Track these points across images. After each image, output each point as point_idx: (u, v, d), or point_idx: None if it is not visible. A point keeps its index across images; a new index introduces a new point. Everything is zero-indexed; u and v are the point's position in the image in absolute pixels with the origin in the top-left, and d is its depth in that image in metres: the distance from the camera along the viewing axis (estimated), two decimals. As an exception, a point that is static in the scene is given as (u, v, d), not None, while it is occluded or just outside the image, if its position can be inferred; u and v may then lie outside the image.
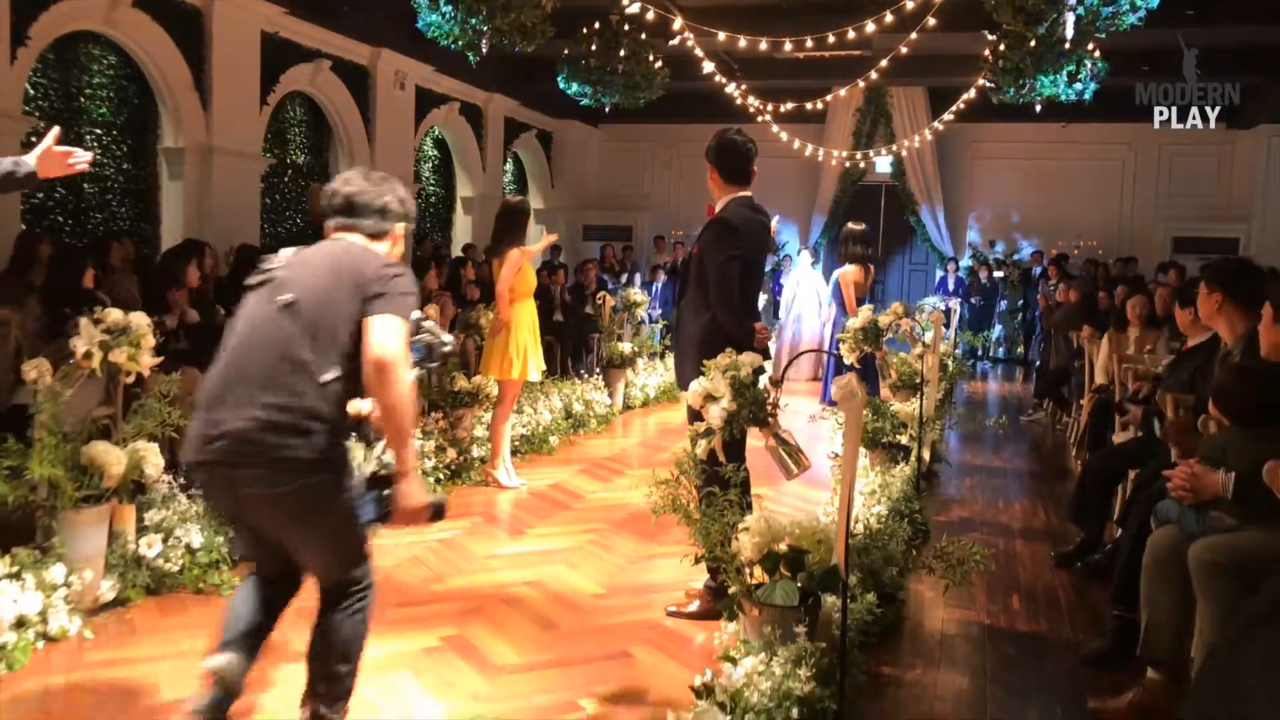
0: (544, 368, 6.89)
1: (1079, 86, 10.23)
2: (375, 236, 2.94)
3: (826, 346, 8.33)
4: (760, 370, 3.93)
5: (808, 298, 11.45)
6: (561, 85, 11.83)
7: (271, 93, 11.76)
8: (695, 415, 3.85)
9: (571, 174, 19.62)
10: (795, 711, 2.68)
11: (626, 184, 19.55)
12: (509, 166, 18.42)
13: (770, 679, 2.75)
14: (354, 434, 2.94)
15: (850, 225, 8.83)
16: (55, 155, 3.26)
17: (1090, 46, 10.14)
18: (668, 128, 18.11)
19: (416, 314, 2.82)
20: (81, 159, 3.34)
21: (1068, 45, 9.64)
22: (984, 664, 3.90)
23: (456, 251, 15.65)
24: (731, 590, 3.24)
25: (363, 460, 5.23)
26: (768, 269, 9.23)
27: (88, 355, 3.95)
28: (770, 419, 3.36)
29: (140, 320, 4.10)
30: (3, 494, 3.75)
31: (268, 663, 3.38)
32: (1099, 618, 4.47)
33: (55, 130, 3.35)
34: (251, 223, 11.56)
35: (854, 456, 3.05)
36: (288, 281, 2.79)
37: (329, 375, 2.67)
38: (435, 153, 16.54)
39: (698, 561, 3.65)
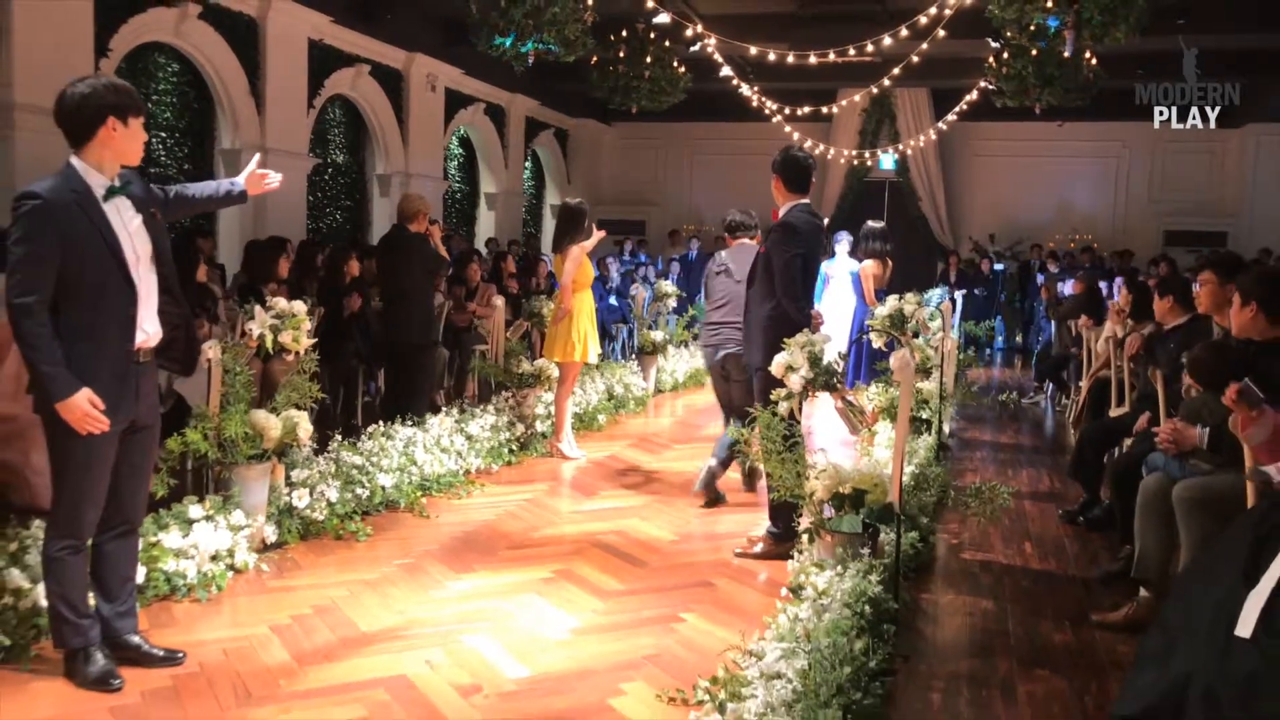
0: (600, 351, 7.69)
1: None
2: None
3: (849, 337, 9.15)
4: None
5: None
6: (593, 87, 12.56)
7: (317, 96, 12.52)
8: (766, 389, 4.66)
9: (587, 171, 20.37)
10: (868, 607, 3.47)
11: (639, 180, 20.32)
12: (528, 164, 19.18)
13: (848, 582, 3.55)
14: None
15: (870, 223, 9.62)
16: (256, 176, 3.98)
17: (1087, 55, 10.93)
18: (680, 126, 18.85)
19: None
20: (274, 179, 4.07)
21: (1067, 55, 10.43)
22: (1004, 591, 4.71)
23: (479, 245, 16.43)
24: (808, 522, 4.04)
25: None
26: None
27: (260, 336, 4.73)
28: (839, 385, 4.17)
29: (300, 308, 4.89)
30: (204, 449, 4.53)
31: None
32: (1098, 559, 5.29)
33: (257, 156, 4.09)
34: (298, 219, 12.32)
35: (907, 414, 3.84)
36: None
37: None
38: (460, 151, 17.29)
39: (773, 501, 4.43)
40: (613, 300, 13.50)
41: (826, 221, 6.22)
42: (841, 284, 10.34)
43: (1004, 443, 8.70)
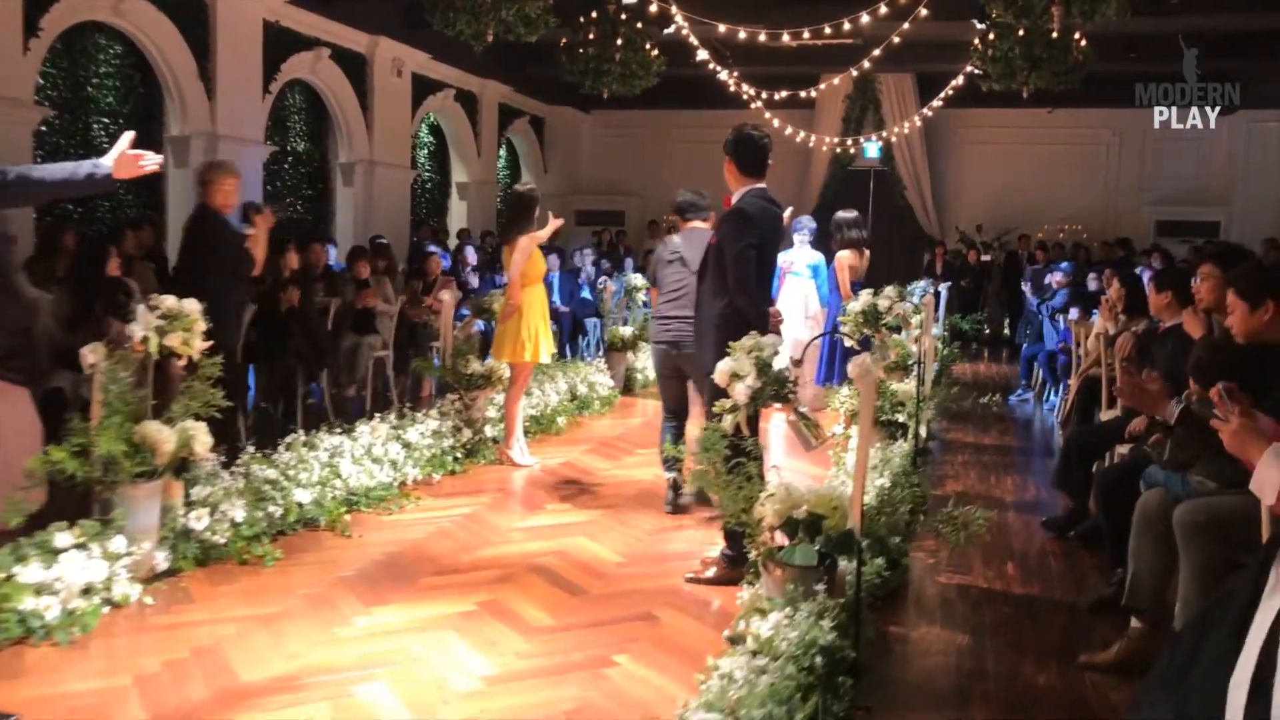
0: (554, 350, 7.17)
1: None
2: None
3: (824, 331, 8.57)
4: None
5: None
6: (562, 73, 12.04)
7: (273, 81, 11.95)
8: (716, 393, 4.14)
9: (564, 159, 19.82)
10: (819, 659, 2.96)
11: (618, 169, 19.76)
12: (503, 152, 18.62)
13: (796, 629, 3.04)
14: None
15: (841, 213, 9.06)
16: (129, 158, 3.47)
17: (1076, 35, 10.43)
18: (659, 114, 18.32)
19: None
20: (152, 161, 3.55)
21: (1055, 35, 9.93)
22: (983, 622, 4.21)
23: (452, 237, 15.89)
24: (755, 553, 3.53)
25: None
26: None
27: (144, 340, 4.19)
28: (791, 395, 3.65)
29: (193, 306, 4.35)
30: (73, 469, 3.99)
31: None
32: (1087, 580, 4.80)
33: (130, 134, 3.56)
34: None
35: (869, 429, 3.33)
36: None
37: None
38: (431, 139, 16.72)
39: (725, 526, 3.93)
40: (586, 293, 12.98)
41: (789, 212, 5.57)
42: (801, 278, 9.64)
43: (989, 444, 8.21)
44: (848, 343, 6.66)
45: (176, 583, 4.32)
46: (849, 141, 16.65)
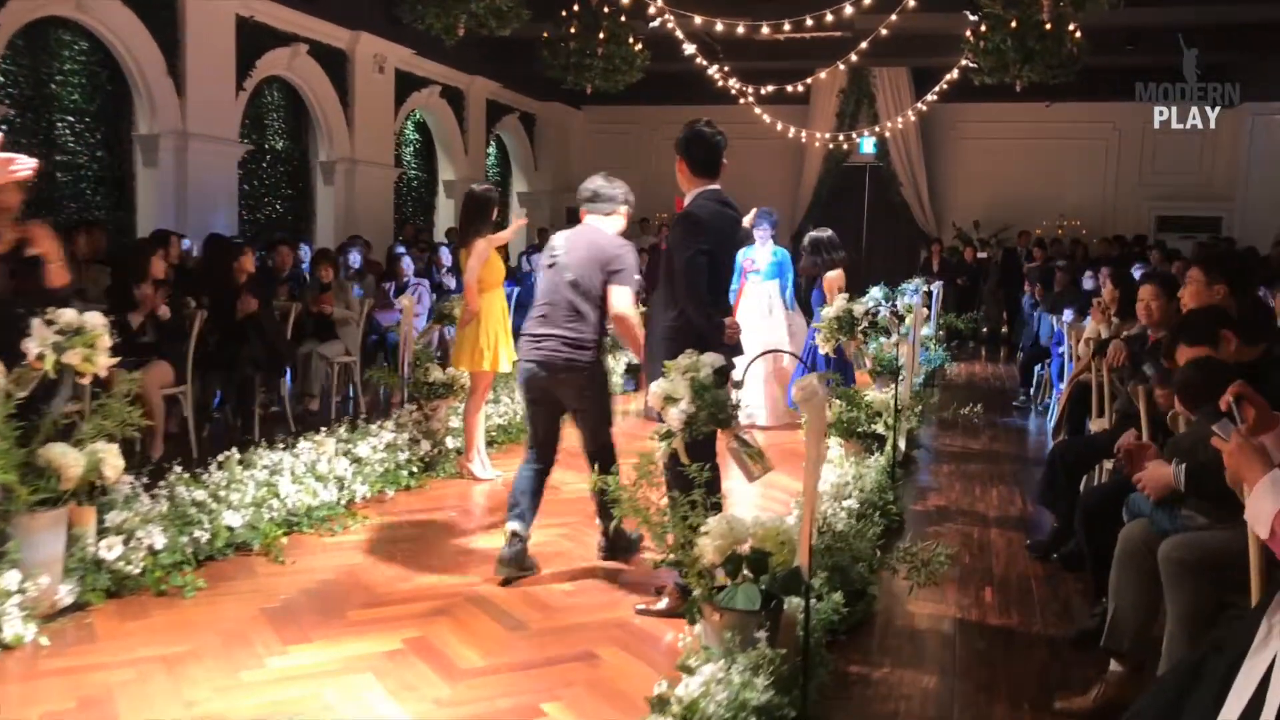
0: (515, 357, 6.84)
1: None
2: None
3: (805, 344, 8.08)
4: (729, 368, 3.89)
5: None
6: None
7: (248, 78, 11.65)
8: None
9: (555, 157, 19.51)
10: (752, 720, 2.64)
11: (610, 166, 19.12)
12: (492, 150, 18.30)
13: (728, 688, 2.71)
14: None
15: (818, 233, 8.28)
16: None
17: (1071, 27, 10.09)
18: (652, 110, 17.99)
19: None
20: (24, 166, 3.23)
21: (1047, 26, 9.59)
22: (953, 660, 3.88)
23: (439, 235, 15.57)
24: (694, 594, 3.20)
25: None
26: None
27: (40, 357, 3.87)
28: (732, 420, 3.30)
29: (95, 320, 4.02)
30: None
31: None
32: (1071, 608, 4.47)
33: None
34: (229, 209, 11.46)
35: (817, 458, 3.00)
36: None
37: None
38: (417, 136, 16.41)
39: (657, 566, 3.60)
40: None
41: (742, 215, 4.75)
42: (763, 278, 8.49)
43: (977, 451, 7.88)
44: (822, 351, 6.33)
45: (82, 619, 4.00)
46: (842, 137, 16.30)
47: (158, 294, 6.46)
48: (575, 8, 11.32)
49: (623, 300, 4.54)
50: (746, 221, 7.23)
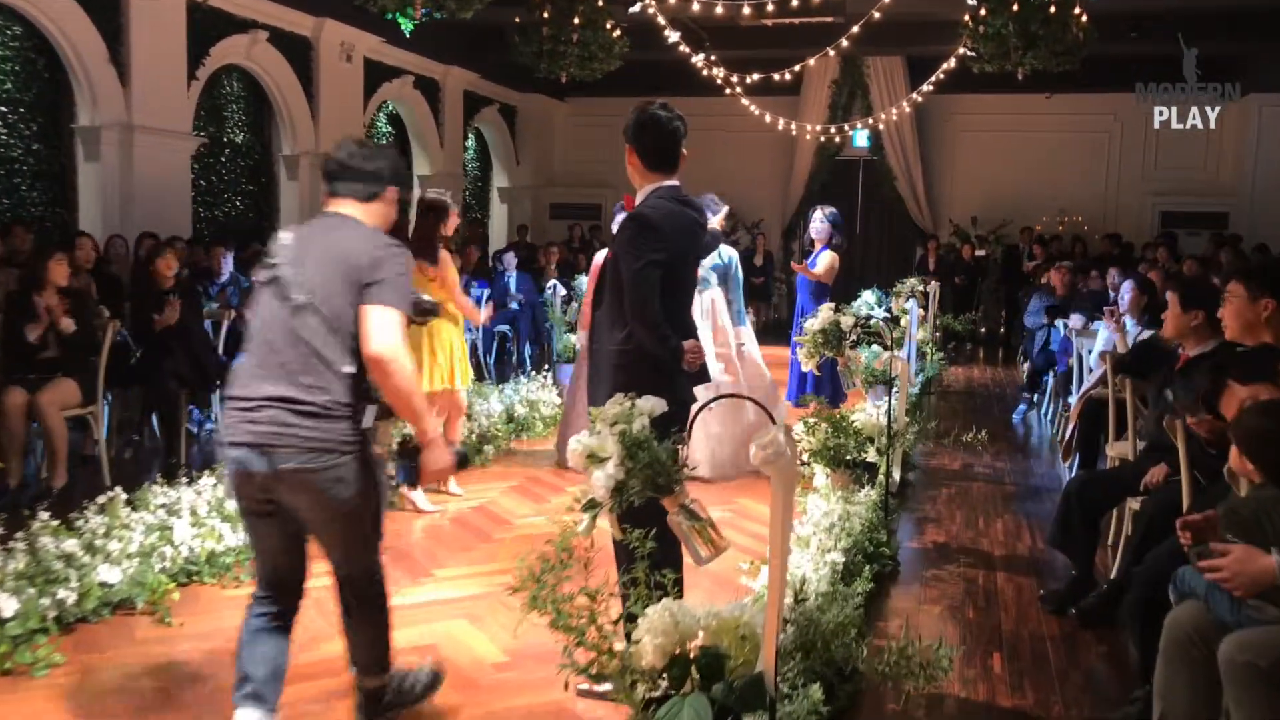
0: (471, 375, 6.18)
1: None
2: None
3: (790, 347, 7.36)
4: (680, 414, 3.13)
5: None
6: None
7: (201, 66, 10.93)
8: None
9: (537, 150, 18.82)
10: None
11: (594, 160, 18.63)
12: (470, 143, 17.59)
13: None
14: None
15: (830, 208, 7.65)
16: None
17: (1077, 11, 9.41)
18: (637, 101, 17.17)
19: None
20: None
21: (1052, 10, 8.92)
22: (955, 759, 3.20)
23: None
24: (630, 714, 2.51)
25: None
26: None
27: None
28: (676, 486, 2.58)
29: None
30: None
31: None
32: (1094, 682, 3.79)
33: None
34: (182, 206, 10.75)
35: (784, 535, 2.32)
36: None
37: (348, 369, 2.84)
38: (389, 129, 15.69)
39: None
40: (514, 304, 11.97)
41: (706, 217, 3.63)
42: (703, 284, 6.73)
43: (980, 473, 7.18)
44: (805, 368, 5.64)
45: (-100, 709, 3.32)
46: (834, 129, 15.60)
47: (61, 304, 5.75)
48: (549, -9, 10.63)
49: (384, 332, 2.80)
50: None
